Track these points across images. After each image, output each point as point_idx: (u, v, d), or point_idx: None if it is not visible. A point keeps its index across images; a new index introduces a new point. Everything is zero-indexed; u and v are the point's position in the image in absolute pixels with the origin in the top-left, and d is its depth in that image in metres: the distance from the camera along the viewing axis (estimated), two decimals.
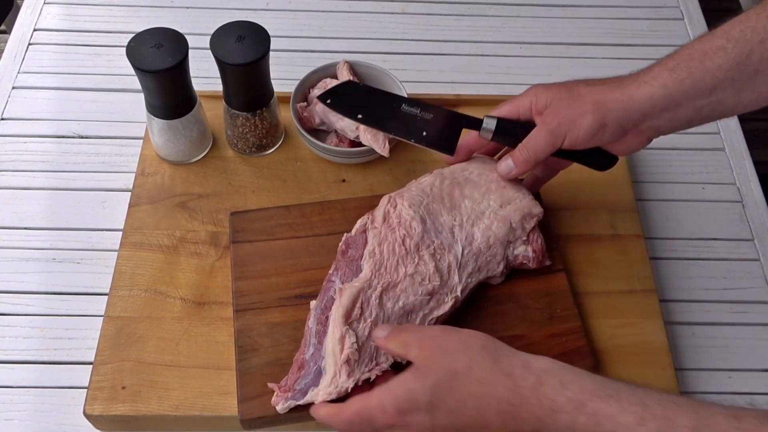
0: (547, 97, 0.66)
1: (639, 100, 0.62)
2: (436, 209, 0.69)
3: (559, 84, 0.67)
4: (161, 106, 0.76)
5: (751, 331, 0.78)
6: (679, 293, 0.80)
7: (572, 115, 0.64)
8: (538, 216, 0.71)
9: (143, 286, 0.74)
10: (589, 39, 1.04)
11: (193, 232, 0.78)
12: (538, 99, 0.66)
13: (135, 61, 0.71)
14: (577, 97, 0.64)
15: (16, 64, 0.97)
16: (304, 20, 1.04)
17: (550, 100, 0.66)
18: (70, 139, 0.89)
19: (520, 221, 0.70)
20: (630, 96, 0.62)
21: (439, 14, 1.06)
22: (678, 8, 1.08)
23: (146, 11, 1.04)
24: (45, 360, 0.73)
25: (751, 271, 0.82)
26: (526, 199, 0.71)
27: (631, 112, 0.63)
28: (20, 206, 0.83)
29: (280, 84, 0.81)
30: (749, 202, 0.88)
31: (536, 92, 0.67)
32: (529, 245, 0.71)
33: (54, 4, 1.04)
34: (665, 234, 0.84)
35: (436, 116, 0.72)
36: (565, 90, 0.65)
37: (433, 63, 1.00)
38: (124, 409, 0.66)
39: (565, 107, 0.64)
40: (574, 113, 0.64)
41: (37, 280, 0.78)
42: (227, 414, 0.66)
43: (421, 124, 0.72)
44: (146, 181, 0.81)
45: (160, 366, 0.69)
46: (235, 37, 0.74)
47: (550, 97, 0.66)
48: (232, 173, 0.83)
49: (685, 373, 0.75)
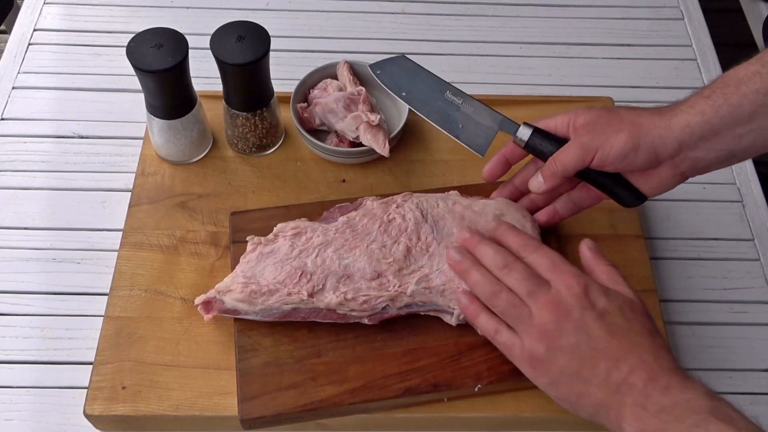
0: (586, 116, 0.65)
1: (676, 127, 0.61)
2: (443, 219, 0.69)
3: (602, 107, 0.67)
4: (161, 106, 0.76)
5: (751, 331, 0.78)
6: (679, 293, 0.80)
7: (607, 132, 0.63)
8: None
9: (143, 286, 0.74)
10: (589, 39, 1.04)
11: (193, 232, 0.78)
12: (578, 117, 0.66)
13: (135, 61, 0.71)
14: (615, 117, 0.64)
15: (16, 64, 0.97)
16: (304, 20, 1.04)
17: (589, 118, 0.65)
18: (70, 139, 0.89)
19: None
20: (667, 122, 0.61)
21: (439, 14, 1.06)
22: (678, 8, 1.08)
23: (146, 11, 1.04)
24: (45, 360, 0.73)
25: (751, 271, 0.82)
26: None
27: (667, 138, 0.61)
28: (20, 206, 0.83)
29: (280, 84, 0.81)
30: (749, 202, 0.88)
31: (577, 111, 0.66)
32: None
33: (54, 4, 1.04)
34: (665, 234, 0.84)
35: (476, 111, 0.71)
36: (606, 111, 0.65)
37: (433, 63, 0.99)
38: (124, 409, 0.66)
39: (602, 125, 0.64)
40: (610, 130, 0.63)
41: (37, 280, 0.78)
42: (227, 414, 0.66)
43: (460, 117, 0.71)
44: (146, 181, 0.81)
45: (160, 366, 0.69)
46: (235, 37, 0.74)
47: (590, 116, 0.65)
48: (232, 173, 0.83)
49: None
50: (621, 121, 0.63)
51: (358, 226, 0.69)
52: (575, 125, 0.66)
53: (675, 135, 0.61)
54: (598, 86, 0.98)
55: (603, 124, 0.64)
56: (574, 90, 0.97)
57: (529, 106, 0.89)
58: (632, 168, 0.64)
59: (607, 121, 0.64)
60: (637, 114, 0.63)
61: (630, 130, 0.62)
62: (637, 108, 0.65)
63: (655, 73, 1.00)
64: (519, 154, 0.71)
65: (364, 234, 0.68)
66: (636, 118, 0.63)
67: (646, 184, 0.66)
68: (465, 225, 0.68)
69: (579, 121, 0.66)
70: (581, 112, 0.66)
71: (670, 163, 0.63)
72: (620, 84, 0.99)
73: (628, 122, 0.63)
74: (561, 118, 0.67)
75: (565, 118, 0.67)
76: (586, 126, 0.65)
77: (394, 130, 0.81)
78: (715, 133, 0.60)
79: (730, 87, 0.60)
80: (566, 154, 0.65)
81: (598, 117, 0.65)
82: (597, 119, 0.65)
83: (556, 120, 0.68)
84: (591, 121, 0.65)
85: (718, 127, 0.60)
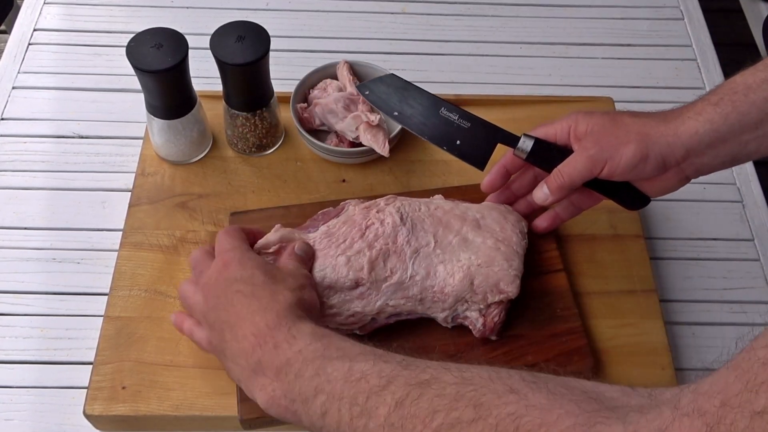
0: (588, 124, 0.64)
1: (684, 135, 0.60)
2: (422, 222, 0.67)
3: (602, 112, 0.65)
4: (161, 106, 0.76)
5: (751, 331, 0.78)
6: (679, 293, 0.80)
7: (615, 143, 0.62)
8: (506, 294, 0.66)
9: (143, 286, 0.74)
10: (589, 39, 1.04)
11: (193, 232, 0.78)
12: (578, 124, 0.65)
13: (135, 61, 0.71)
14: (621, 126, 0.63)
15: (16, 64, 0.97)
16: (304, 20, 1.04)
17: (591, 126, 0.64)
18: (70, 139, 0.89)
19: (483, 288, 0.65)
20: (675, 130, 0.61)
21: (439, 14, 1.06)
22: (678, 8, 1.08)
23: (146, 11, 1.04)
24: (45, 360, 0.73)
25: (751, 271, 0.82)
26: (506, 273, 0.66)
27: (675, 147, 0.61)
28: (20, 206, 0.83)
29: (280, 84, 0.81)
30: (749, 202, 0.88)
31: (576, 118, 0.65)
32: (482, 317, 0.67)
33: (54, 4, 1.04)
34: (665, 234, 0.84)
35: (473, 126, 0.70)
36: (609, 118, 0.64)
37: (433, 63, 1.00)
38: (124, 409, 0.66)
39: (608, 135, 0.63)
40: (617, 141, 0.62)
41: (37, 280, 0.78)
42: (227, 414, 0.66)
43: (457, 133, 0.70)
44: (146, 181, 0.81)
45: (160, 366, 0.69)
46: (235, 37, 0.74)
47: (592, 124, 0.64)
48: (232, 173, 0.83)
49: (685, 373, 0.75)
50: (628, 132, 0.62)
51: (336, 234, 0.67)
52: (576, 133, 0.65)
53: (683, 143, 0.60)
54: (598, 86, 0.98)
55: (608, 134, 0.63)
56: (574, 90, 0.97)
57: (529, 106, 0.90)
58: (641, 177, 0.64)
59: (612, 131, 0.63)
60: (643, 123, 0.62)
61: (638, 141, 0.61)
62: (640, 114, 0.64)
63: (655, 73, 1.00)
64: (518, 164, 0.70)
65: (340, 242, 0.66)
66: (642, 127, 0.62)
67: (650, 188, 0.66)
68: (442, 228, 0.67)
69: (580, 128, 0.64)
70: (581, 119, 0.65)
71: (677, 169, 0.63)
72: (620, 84, 0.99)
73: (635, 132, 0.62)
74: (561, 124, 0.66)
75: (565, 125, 0.66)
76: (590, 136, 0.64)
77: (394, 130, 0.81)
78: (722, 141, 0.60)
79: (738, 94, 0.59)
80: (573, 166, 0.64)
81: (602, 126, 0.63)
82: (601, 129, 0.63)
83: (555, 127, 0.66)
84: (595, 131, 0.64)
85: (725, 135, 0.60)
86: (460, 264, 0.66)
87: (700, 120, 0.60)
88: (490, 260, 0.66)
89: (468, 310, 0.67)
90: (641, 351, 0.72)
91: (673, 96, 0.65)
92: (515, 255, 0.67)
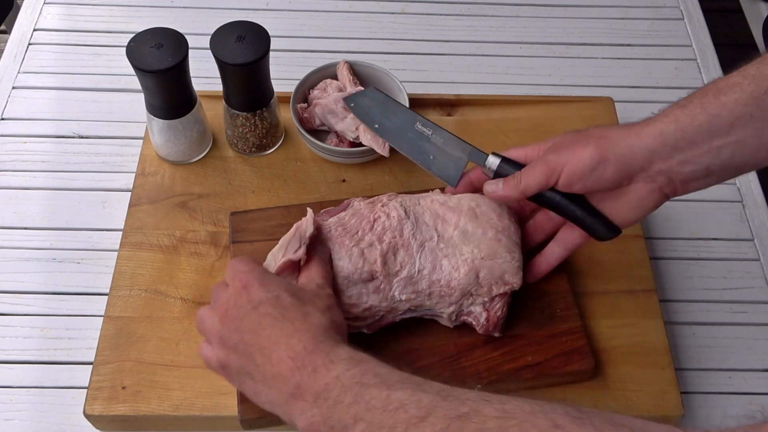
0: (556, 140, 0.64)
1: (647, 136, 0.58)
2: (423, 216, 0.68)
3: (573, 131, 0.64)
4: (161, 106, 0.76)
5: (751, 331, 0.78)
6: (679, 293, 0.80)
7: (573, 147, 0.61)
8: (511, 285, 0.66)
9: (143, 286, 0.74)
10: (589, 39, 1.04)
11: (193, 232, 0.78)
12: (547, 143, 0.64)
13: (135, 61, 0.71)
14: (583, 134, 0.62)
15: (16, 64, 0.97)
16: (304, 20, 1.04)
17: (557, 140, 0.63)
18: (70, 139, 0.89)
19: (488, 280, 0.66)
20: (637, 133, 0.58)
21: (439, 14, 1.06)
22: (678, 8, 1.08)
23: (146, 11, 1.04)
24: (45, 360, 0.73)
25: (751, 271, 0.82)
26: (510, 265, 0.66)
27: (637, 148, 0.58)
28: (20, 206, 0.83)
29: (280, 84, 0.81)
30: (749, 202, 0.88)
31: (548, 140, 0.65)
32: (486, 311, 0.67)
33: (54, 4, 1.04)
34: (665, 234, 0.85)
35: (445, 142, 0.70)
36: (575, 132, 0.63)
37: (433, 63, 1.00)
38: (124, 409, 0.66)
39: (568, 143, 0.62)
40: (576, 145, 0.61)
41: (37, 280, 0.78)
42: (227, 414, 0.66)
43: (430, 147, 0.71)
44: (146, 181, 0.81)
45: (160, 366, 0.69)
46: (235, 37, 0.74)
47: (559, 139, 0.63)
48: (232, 173, 0.83)
49: (685, 373, 0.75)
50: (588, 137, 0.61)
51: (348, 224, 0.68)
52: (545, 148, 0.64)
53: (646, 143, 0.58)
54: (598, 86, 0.98)
55: (569, 142, 0.62)
56: (574, 90, 0.97)
57: (529, 106, 0.90)
58: (601, 184, 0.60)
59: (573, 139, 0.62)
60: (607, 129, 0.61)
61: (597, 144, 0.59)
62: (609, 125, 0.63)
63: (655, 73, 1.00)
64: (485, 179, 0.69)
65: (353, 232, 0.67)
66: (603, 131, 0.61)
67: (619, 206, 0.62)
68: (441, 222, 0.68)
69: (548, 144, 0.64)
70: (552, 139, 0.64)
71: (644, 177, 0.60)
72: (620, 84, 0.99)
73: (595, 136, 0.60)
74: (532, 147, 0.66)
75: (536, 147, 0.65)
76: (552, 146, 0.63)
77: None
78: (690, 143, 0.57)
79: (708, 96, 0.57)
80: (530, 169, 0.63)
81: (565, 137, 0.63)
82: (564, 139, 0.63)
83: (527, 149, 0.66)
84: (557, 142, 0.63)
85: (693, 136, 0.57)
86: (463, 258, 0.66)
87: (665, 121, 0.58)
88: (493, 253, 0.66)
89: (473, 304, 0.67)
90: (641, 351, 0.72)
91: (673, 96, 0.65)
92: (515, 246, 0.68)
